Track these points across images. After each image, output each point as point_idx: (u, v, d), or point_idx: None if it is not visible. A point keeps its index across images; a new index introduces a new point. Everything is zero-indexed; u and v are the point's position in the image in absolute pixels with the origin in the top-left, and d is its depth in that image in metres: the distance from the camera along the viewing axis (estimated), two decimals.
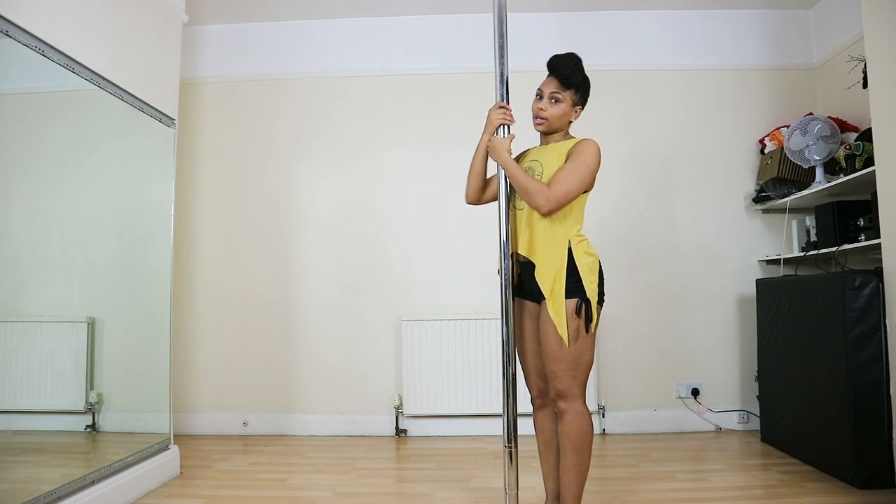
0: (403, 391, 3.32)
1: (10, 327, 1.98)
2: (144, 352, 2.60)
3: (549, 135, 1.95)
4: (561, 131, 1.94)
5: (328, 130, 3.56)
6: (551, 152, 1.90)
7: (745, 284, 3.38)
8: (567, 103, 1.88)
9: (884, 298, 2.30)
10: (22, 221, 2.01)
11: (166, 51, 2.72)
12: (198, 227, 3.53)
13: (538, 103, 1.91)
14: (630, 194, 3.43)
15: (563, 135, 1.95)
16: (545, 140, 1.97)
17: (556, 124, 1.91)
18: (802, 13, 3.52)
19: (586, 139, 1.88)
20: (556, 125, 1.91)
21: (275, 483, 2.57)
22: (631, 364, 3.39)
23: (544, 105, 1.89)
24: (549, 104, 1.88)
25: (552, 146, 1.92)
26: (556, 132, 1.94)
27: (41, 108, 2.08)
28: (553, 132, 1.94)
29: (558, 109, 1.88)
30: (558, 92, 1.87)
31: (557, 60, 1.88)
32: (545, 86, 1.90)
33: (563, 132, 1.95)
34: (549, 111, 1.88)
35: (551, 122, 1.90)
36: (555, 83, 1.87)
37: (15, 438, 1.97)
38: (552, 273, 1.82)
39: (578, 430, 1.82)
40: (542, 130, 1.94)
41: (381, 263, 3.48)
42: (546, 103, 1.89)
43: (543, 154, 1.92)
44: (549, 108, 1.88)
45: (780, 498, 2.28)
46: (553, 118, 1.89)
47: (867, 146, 2.60)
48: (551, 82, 1.88)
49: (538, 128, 1.93)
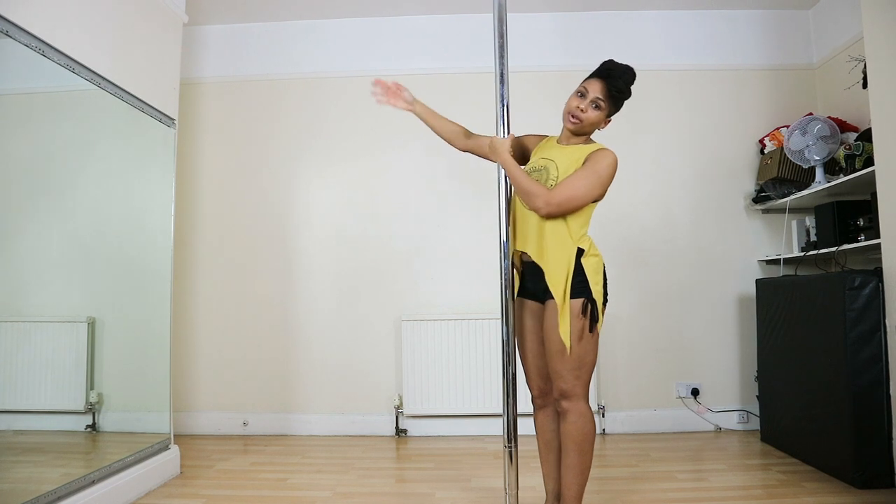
0: (403, 391, 3.32)
1: (10, 327, 1.98)
2: (144, 352, 2.60)
3: (574, 135, 1.91)
4: (586, 135, 1.92)
5: (328, 130, 3.56)
6: (569, 155, 1.86)
7: (744, 284, 3.38)
8: (605, 112, 1.85)
9: (883, 298, 2.30)
10: (22, 221, 2.01)
11: (166, 51, 2.72)
12: (198, 227, 3.53)
13: (579, 101, 1.85)
14: (630, 194, 3.43)
15: (585, 139, 1.92)
16: (566, 139, 1.93)
17: (587, 129, 1.88)
18: (802, 13, 3.52)
19: (605, 149, 1.84)
20: (587, 129, 1.88)
21: (275, 483, 2.57)
22: (631, 364, 3.39)
23: (585, 106, 1.83)
24: (590, 107, 1.83)
25: (572, 148, 1.89)
26: (582, 135, 1.91)
27: (41, 108, 2.08)
28: (581, 134, 1.90)
29: (596, 116, 1.84)
30: (603, 99, 1.83)
31: (616, 69, 1.84)
32: (591, 87, 1.84)
33: (586, 137, 1.92)
34: (588, 114, 1.84)
35: (584, 126, 1.86)
36: (603, 90, 1.82)
37: (15, 438, 1.97)
38: (563, 277, 1.80)
39: (581, 430, 1.81)
40: (574, 131, 1.89)
41: (381, 263, 3.48)
42: (587, 105, 1.83)
43: (562, 155, 1.88)
44: (589, 111, 1.84)
45: (779, 498, 2.28)
46: (588, 122, 1.85)
47: (867, 146, 2.60)
48: (599, 86, 1.83)
49: (571, 126, 1.88)
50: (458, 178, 3.47)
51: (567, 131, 1.92)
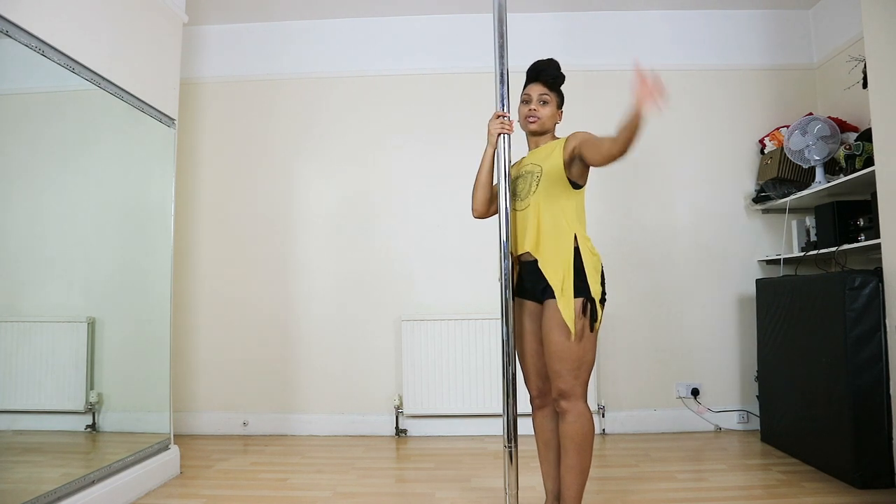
0: (403, 391, 3.32)
1: (10, 327, 1.98)
2: (144, 352, 2.60)
3: (539, 136, 2.01)
4: (549, 133, 2.02)
5: (328, 130, 3.56)
6: (544, 152, 1.96)
7: (745, 284, 3.38)
8: (553, 104, 1.99)
9: (883, 298, 2.30)
10: (22, 221, 2.01)
11: (166, 51, 2.72)
12: (198, 227, 3.53)
13: (527, 107, 1.99)
14: (630, 194, 3.43)
15: (551, 136, 2.03)
16: (535, 144, 2.03)
17: (547, 124, 1.99)
18: (802, 13, 3.52)
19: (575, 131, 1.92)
20: (547, 125, 1.99)
21: (275, 483, 2.57)
22: (631, 364, 3.39)
23: (535, 106, 1.97)
24: (539, 105, 1.97)
25: (543, 147, 1.99)
26: (545, 133, 2.01)
27: (41, 108, 2.08)
28: (543, 133, 2.00)
29: (548, 110, 1.98)
30: (546, 94, 1.97)
31: (542, 65, 1.99)
32: (531, 90, 1.99)
33: (550, 134, 2.02)
34: (541, 111, 1.97)
35: (543, 122, 1.98)
36: (541, 86, 1.97)
37: (15, 438, 1.97)
38: (560, 269, 1.83)
39: (581, 429, 1.82)
40: (535, 129, 1.99)
41: (381, 263, 3.48)
42: (536, 104, 1.97)
43: (538, 155, 1.98)
44: (539, 109, 1.97)
45: (779, 498, 2.28)
46: (546, 117, 1.98)
47: (867, 146, 2.60)
48: (537, 86, 1.98)
49: (532, 126, 1.98)
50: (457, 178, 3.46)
51: (533, 139, 2.02)
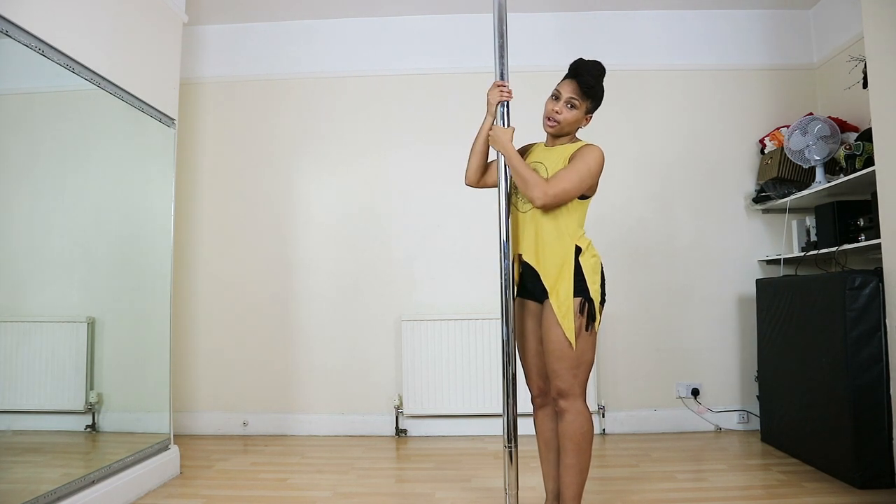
0: (403, 391, 3.32)
1: (10, 327, 1.98)
2: (144, 352, 2.60)
3: (556, 137, 1.94)
4: (569, 135, 1.94)
5: (328, 130, 3.56)
6: (555, 155, 1.90)
7: (745, 284, 3.38)
8: (581, 110, 1.87)
9: (884, 298, 2.30)
10: (22, 221, 2.01)
11: (166, 51, 2.72)
12: (198, 227, 3.53)
13: (554, 104, 1.88)
14: (630, 194, 3.43)
15: (570, 138, 1.94)
16: (551, 142, 1.96)
17: (566, 129, 1.90)
18: (802, 13, 3.52)
19: (591, 144, 1.87)
20: (566, 129, 1.90)
21: (275, 483, 2.57)
22: (631, 364, 3.39)
23: (560, 108, 1.86)
24: (564, 108, 1.86)
25: (557, 149, 1.92)
26: (564, 136, 1.93)
27: (41, 108, 2.08)
28: (562, 135, 1.93)
29: (572, 115, 1.87)
30: (576, 98, 1.85)
31: (583, 66, 1.87)
32: (564, 88, 1.87)
33: (570, 136, 1.94)
34: (564, 115, 1.86)
35: (563, 126, 1.88)
36: (575, 88, 1.85)
37: (15, 438, 1.97)
38: (556, 272, 1.82)
39: (579, 429, 1.82)
40: (553, 133, 1.92)
41: (381, 263, 3.48)
42: (562, 106, 1.86)
43: (548, 156, 1.92)
44: (564, 112, 1.86)
45: (780, 498, 2.28)
46: (566, 122, 1.88)
47: (867, 146, 2.60)
48: (571, 86, 1.86)
49: (549, 129, 1.92)
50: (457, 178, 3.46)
51: (548, 136, 1.96)
